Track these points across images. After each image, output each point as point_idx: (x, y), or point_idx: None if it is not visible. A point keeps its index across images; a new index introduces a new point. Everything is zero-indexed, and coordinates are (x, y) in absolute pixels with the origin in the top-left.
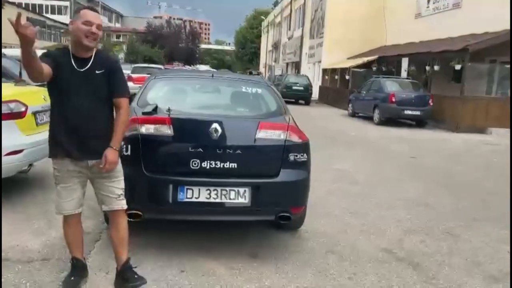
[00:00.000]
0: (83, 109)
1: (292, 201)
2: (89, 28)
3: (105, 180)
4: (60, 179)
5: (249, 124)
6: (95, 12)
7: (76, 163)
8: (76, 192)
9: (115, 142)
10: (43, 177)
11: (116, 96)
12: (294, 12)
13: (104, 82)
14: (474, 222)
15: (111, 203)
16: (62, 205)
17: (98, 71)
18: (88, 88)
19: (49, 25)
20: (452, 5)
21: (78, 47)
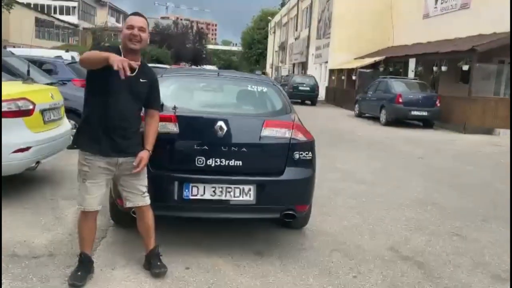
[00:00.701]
0: (124, 111)
1: (297, 199)
2: (131, 31)
3: (130, 178)
4: (89, 175)
5: (255, 122)
6: (137, 16)
7: (107, 160)
8: (102, 188)
9: (149, 144)
10: (50, 174)
11: (152, 108)
12: (301, 13)
13: (144, 90)
14: (481, 222)
15: (136, 200)
16: (89, 201)
17: (142, 80)
18: (130, 92)
19: (57, 25)
20: (460, 6)
21: (126, 51)
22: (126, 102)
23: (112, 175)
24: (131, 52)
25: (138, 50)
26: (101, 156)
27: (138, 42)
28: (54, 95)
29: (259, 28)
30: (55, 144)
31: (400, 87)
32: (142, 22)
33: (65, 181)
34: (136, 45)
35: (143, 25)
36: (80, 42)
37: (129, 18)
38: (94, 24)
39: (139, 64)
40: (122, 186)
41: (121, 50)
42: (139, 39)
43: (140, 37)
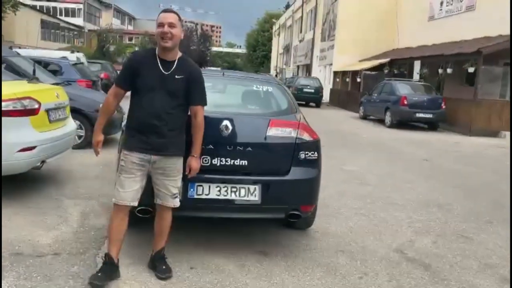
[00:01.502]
0: (157, 107)
1: (303, 199)
2: (161, 29)
3: (163, 177)
4: (124, 170)
5: (260, 122)
6: (167, 12)
7: (140, 156)
8: (136, 183)
9: (195, 150)
10: (55, 173)
11: (192, 104)
12: (305, 15)
13: (181, 87)
14: (487, 224)
15: (165, 200)
16: (121, 194)
17: (178, 76)
18: (165, 89)
19: (62, 27)
20: (465, 8)
21: (159, 49)
22: (160, 100)
23: (146, 171)
24: (165, 49)
25: (171, 47)
26: (137, 152)
27: (170, 39)
28: (59, 95)
29: (263, 31)
30: (60, 143)
31: (405, 89)
32: (172, 18)
33: (69, 181)
34: (168, 43)
35: (173, 21)
36: (85, 44)
37: (159, 15)
38: (99, 26)
39: (174, 59)
40: (155, 184)
41: (157, 49)
42: (170, 36)
43: (171, 34)
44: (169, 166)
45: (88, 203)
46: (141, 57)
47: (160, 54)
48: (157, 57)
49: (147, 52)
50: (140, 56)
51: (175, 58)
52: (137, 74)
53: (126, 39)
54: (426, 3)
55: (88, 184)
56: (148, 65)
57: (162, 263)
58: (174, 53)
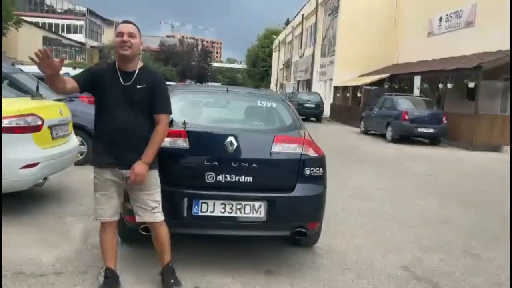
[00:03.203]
0: (121, 121)
1: (308, 216)
2: (121, 38)
3: (140, 192)
4: (98, 187)
5: (265, 138)
6: (127, 23)
7: (113, 173)
8: (112, 200)
9: (145, 155)
10: (58, 190)
11: (156, 113)
12: (305, 31)
13: (143, 97)
14: (494, 241)
15: (145, 215)
16: (99, 211)
17: (139, 86)
18: (127, 101)
19: (64, 44)
20: (465, 24)
21: (118, 59)
22: (123, 113)
23: (121, 187)
24: (123, 59)
25: (130, 56)
26: (108, 168)
27: (129, 48)
28: (62, 111)
29: (263, 46)
30: (63, 160)
31: (406, 104)
32: (132, 28)
33: (72, 198)
34: (127, 51)
35: (133, 31)
36: (87, 60)
37: (119, 26)
38: (101, 43)
39: (135, 70)
40: (133, 200)
41: (116, 60)
42: (129, 44)
43: (130, 43)
44: (146, 180)
45: (90, 220)
46: (102, 69)
47: (120, 66)
48: (117, 68)
49: (108, 64)
50: (101, 68)
51: (135, 68)
52: (96, 83)
53: None
54: (426, 19)
55: (90, 201)
56: (108, 77)
57: (170, 277)
58: (134, 63)
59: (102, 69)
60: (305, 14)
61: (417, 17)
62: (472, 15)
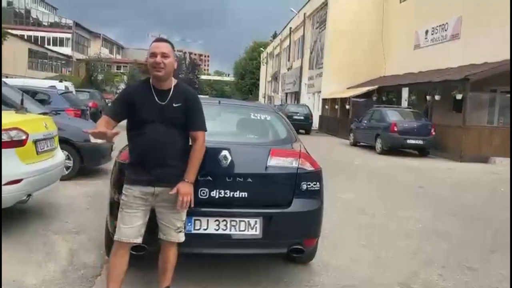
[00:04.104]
0: (155, 138)
1: (305, 232)
2: (154, 59)
3: (167, 211)
4: (125, 205)
5: (260, 151)
6: (159, 42)
7: (142, 190)
8: (138, 219)
9: (188, 175)
10: (42, 207)
11: (193, 130)
12: (293, 44)
13: (180, 114)
14: (490, 253)
15: (169, 234)
16: (122, 231)
17: (175, 104)
18: (163, 119)
19: (50, 57)
20: (450, 36)
21: (153, 79)
22: (160, 131)
23: (149, 205)
24: (159, 79)
25: (164, 76)
26: (139, 185)
27: (163, 69)
28: (48, 125)
29: (251, 59)
30: (47, 175)
31: (395, 116)
32: (165, 48)
33: (57, 215)
34: (160, 72)
35: (166, 51)
36: (73, 73)
37: (152, 45)
38: (87, 55)
39: (170, 88)
40: (158, 218)
41: (151, 79)
42: (162, 66)
43: (163, 64)
44: (173, 198)
45: (76, 238)
46: (135, 89)
47: (155, 84)
48: (151, 87)
49: (141, 83)
50: (134, 88)
51: (170, 86)
52: (132, 107)
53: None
54: (412, 32)
55: (76, 218)
56: (143, 96)
57: None
58: (169, 81)
59: (135, 88)
60: (293, 27)
61: (404, 30)
62: (457, 28)
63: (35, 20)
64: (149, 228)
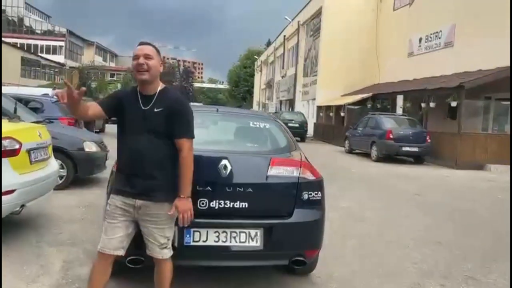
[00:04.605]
0: (138, 147)
1: (307, 243)
2: (136, 61)
3: (150, 225)
4: (108, 214)
5: (261, 160)
6: (142, 45)
7: (124, 201)
8: (118, 230)
9: (182, 190)
10: (36, 217)
11: (175, 138)
12: (287, 52)
13: (161, 120)
14: (492, 262)
15: (152, 250)
16: (105, 241)
17: (156, 109)
18: (145, 127)
19: (43, 65)
20: (444, 44)
21: (138, 83)
22: (142, 139)
23: (130, 217)
24: (143, 82)
25: (148, 79)
26: (121, 196)
27: (146, 71)
28: (41, 134)
29: (245, 66)
30: (41, 185)
31: (390, 123)
32: (148, 50)
33: (51, 225)
34: (144, 75)
35: (149, 52)
36: None
37: (135, 48)
38: (81, 63)
39: (155, 93)
40: (142, 232)
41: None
42: (146, 68)
43: (147, 65)
44: (157, 213)
45: (71, 250)
46: (125, 93)
47: (140, 89)
48: (138, 92)
49: (132, 88)
50: (125, 91)
51: (155, 91)
52: (120, 108)
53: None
54: (405, 39)
55: (70, 229)
56: (130, 101)
57: None
58: (154, 85)
59: (126, 93)
60: (287, 35)
61: (397, 38)
62: (451, 35)
63: (28, 28)
64: None
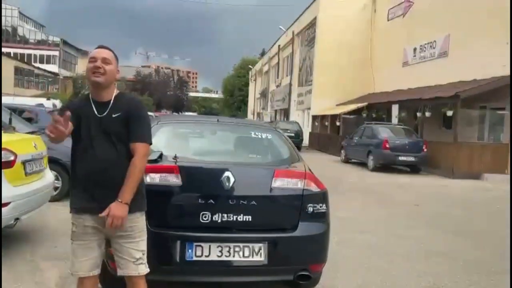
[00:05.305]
0: (100, 158)
1: (312, 257)
2: (93, 63)
3: (122, 240)
4: (76, 236)
5: (264, 172)
6: (101, 48)
7: (92, 218)
8: (91, 251)
9: (122, 194)
10: (30, 230)
11: (131, 141)
12: (282, 61)
13: (120, 127)
14: (497, 275)
15: (127, 267)
16: (77, 265)
17: (114, 115)
18: (104, 135)
19: (37, 74)
20: (438, 54)
21: (92, 88)
22: (102, 147)
23: (102, 235)
24: (96, 87)
25: (103, 83)
26: (89, 214)
27: (102, 75)
28: (37, 145)
29: (239, 76)
30: (36, 198)
31: (386, 132)
32: (106, 53)
33: (46, 238)
34: (100, 78)
35: (107, 56)
36: (60, 90)
37: (92, 51)
38: (75, 73)
39: (110, 99)
40: (114, 249)
41: (90, 91)
42: (102, 71)
43: (104, 69)
44: (129, 225)
45: (67, 264)
46: (77, 103)
47: (94, 95)
48: (90, 99)
49: (82, 96)
50: (77, 101)
51: (110, 97)
52: (74, 121)
53: None
54: (400, 49)
55: (66, 242)
56: (82, 110)
57: None
58: (109, 92)
59: (77, 103)
60: (282, 44)
61: (392, 48)
62: (445, 45)
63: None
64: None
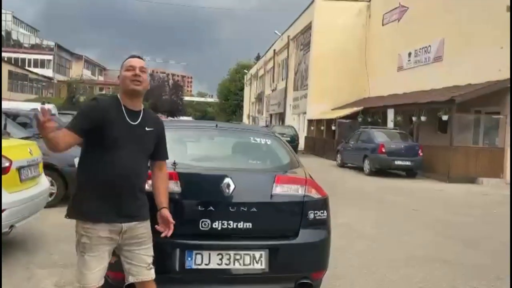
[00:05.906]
0: (127, 166)
1: (314, 265)
2: (133, 72)
3: (135, 247)
4: (88, 248)
5: (265, 178)
6: (136, 58)
7: (111, 228)
8: (103, 261)
9: (165, 201)
10: (25, 237)
11: (161, 159)
12: (277, 65)
13: (151, 143)
14: (497, 280)
15: (140, 274)
16: (88, 277)
17: (148, 128)
18: (137, 144)
19: (31, 79)
20: (433, 59)
21: (127, 95)
22: (134, 156)
23: (114, 245)
24: (132, 95)
25: (141, 92)
26: (105, 223)
27: (141, 83)
28: (32, 151)
29: (234, 80)
30: (31, 205)
31: (382, 137)
32: (142, 63)
33: (42, 245)
34: (139, 86)
35: (144, 66)
36: (54, 94)
37: (128, 60)
38: (69, 77)
39: (140, 110)
40: (125, 257)
41: (120, 96)
42: (141, 79)
43: (142, 78)
44: (142, 232)
45: (63, 272)
46: (106, 105)
47: (126, 103)
48: (122, 106)
49: (111, 99)
50: (105, 103)
51: (140, 108)
52: (98, 126)
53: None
54: (395, 54)
55: (62, 249)
56: (113, 114)
57: None
58: (140, 101)
59: (107, 103)
60: (277, 49)
61: (387, 52)
62: (440, 50)
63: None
64: None
